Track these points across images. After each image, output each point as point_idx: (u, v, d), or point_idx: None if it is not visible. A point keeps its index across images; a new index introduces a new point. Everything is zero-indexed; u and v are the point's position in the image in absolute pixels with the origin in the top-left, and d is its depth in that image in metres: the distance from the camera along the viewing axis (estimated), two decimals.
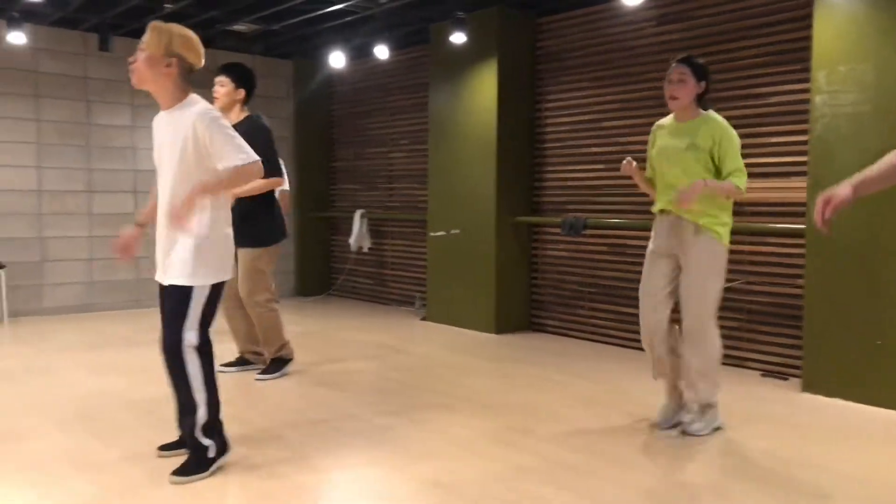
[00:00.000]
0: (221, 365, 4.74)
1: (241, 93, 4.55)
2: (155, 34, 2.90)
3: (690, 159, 3.52)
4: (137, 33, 2.94)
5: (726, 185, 3.48)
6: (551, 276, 6.43)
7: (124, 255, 3.16)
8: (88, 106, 7.36)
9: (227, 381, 4.64)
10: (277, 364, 4.76)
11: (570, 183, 6.24)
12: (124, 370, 4.92)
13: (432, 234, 6.90)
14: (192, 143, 2.89)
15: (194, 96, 3.00)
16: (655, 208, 3.74)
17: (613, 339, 5.93)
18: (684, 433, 3.63)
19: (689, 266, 3.57)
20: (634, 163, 3.75)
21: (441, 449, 3.45)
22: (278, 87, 8.60)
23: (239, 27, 7.08)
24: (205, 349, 3.01)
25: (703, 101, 3.64)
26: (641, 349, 5.50)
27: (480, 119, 6.38)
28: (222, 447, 3.10)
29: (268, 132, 4.55)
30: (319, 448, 3.45)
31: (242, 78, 4.56)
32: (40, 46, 7.05)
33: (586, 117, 6.08)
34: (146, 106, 7.25)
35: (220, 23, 6.87)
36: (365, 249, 8.05)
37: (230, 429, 3.70)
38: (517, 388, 4.60)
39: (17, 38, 6.37)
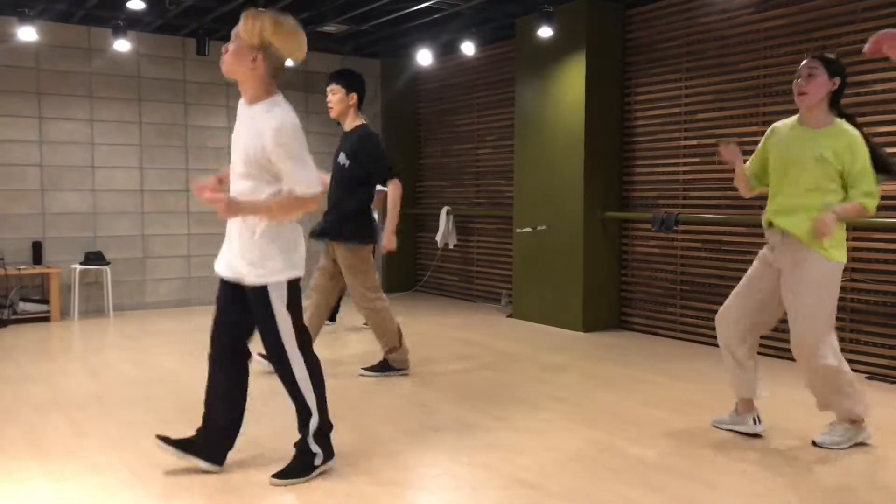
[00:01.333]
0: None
1: (354, 97, 4.60)
2: (247, 22, 2.78)
3: (819, 173, 3.23)
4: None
5: (855, 208, 3.20)
6: (641, 274, 6.28)
7: (200, 192, 2.88)
8: (186, 108, 7.65)
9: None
10: (384, 366, 4.77)
11: (661, 177, 6.07)
12: None
13: (519, 230, 6.85)
14: (262, 152, 2.78)
15: (278, 99, 2.85)
16: (765, 220, 3.45)
17: (706, 338, 5.74)
18: (814, 444, 3.44)
19: (798, 284, 3.29)
20: (736, 147, 3.49)
21: (528, 447, 3.42)
22: (366, 86, 8.70)
23: (328, 28, 7.21)
24: (308, 348, 2.97)
25: (837, 105, 3.32)
26: None
27: (568, 113, 6.28)
28: (329, 454, 3.04)
29: (378, 140, 4.64)
30: (407, 443, 3.47)
31: (352, 83, 4.60)
32: (142, 52, 7.38)
33: (678, 109, 5.90)
34: None
35: (311, 24, 7.01)
36: (451, 246, 8.07)
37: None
38: (605, 387, 4.51)
39: (122, 45, 6.69)
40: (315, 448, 2.99)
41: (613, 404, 4.13)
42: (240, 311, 2.99)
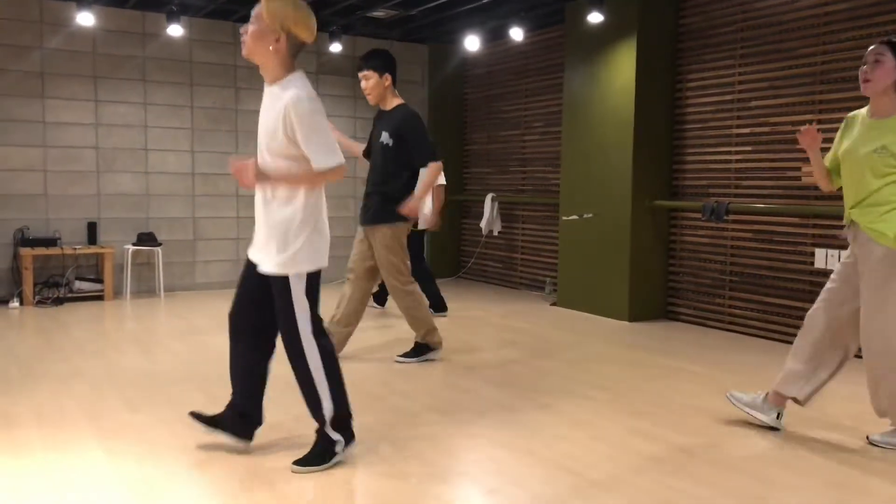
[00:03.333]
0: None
1: (388, 78, 4.50)
2: (268, 6, 2.81)
3: (879, 164, 3.12)
4: None
5: None
6: (690, 263, 6.19)
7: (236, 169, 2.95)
8: (237, 93, 7.76)
9: (363, 362, 4.78)
10: (420, 349, 4.77)
11: (712, 166, 5.96)
12: None
13: (565, 217, 6.80)
14: (283, 128, 2.81)
15: (297, 74, 2.89)
16: (846, 217, 3.33)
17: (755, 330, 5.64)
18: (870, 443, 3.35)
19: (867, 279, 3.19)
20: (818, 133, 3.36)
21: (571, 435, 3.41)
22: (413, 71, 8.73)
23: (377, 13, 7.22)
24: (323, 339, 2.97)
25: None
26: (785, 342, 5.23)
27: (617, 100, 6.20)
28: (350, 439, 3.03)
29: (421, 120, 4.57)
30: (449, 429, 3.49)
31: (384, 64, 4.50)
32: (194, 37, 7.49)
33: (731, 97, 5.78)
34: None
35: (360, 10, 7.04)
36: (495, 233, 8.06)
37: (364, 403, 3.81)
38: (650, 377, 4.47)
39: (175, 30, 6.80)
40: (335, 436, 2.97)
41: (658, 395, 4.09)
42: (262, 292, 3.01)
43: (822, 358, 3.40)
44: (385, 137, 4.50)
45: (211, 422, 3.16)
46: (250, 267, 3.04)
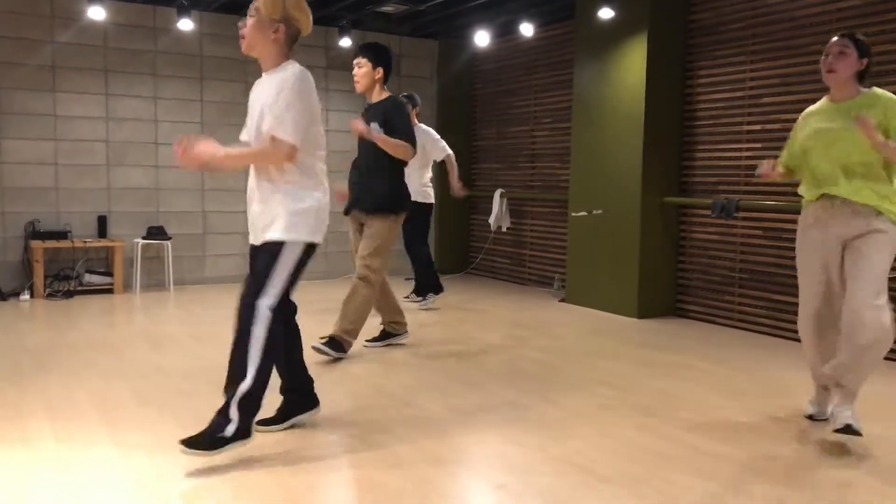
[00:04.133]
0: (366, 341, 4.90)
1: (380, 71, 4.62)
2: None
3: (856, 138, 3.21)
4: None
5: None
6: (699, 260, 6.17)
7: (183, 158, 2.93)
8: (247, 87, 7.75)
9: (371, 355, 4.80)
10: (336, 345, 4.56)
11: (722, 163, 5.94)
12: None
13: (574, 213, 6.80)
14: (271, 103, 2.88)
15: (293, 62, 2.98)
16: (811, 195, 3.42)
17: (764, 327, 5.63)
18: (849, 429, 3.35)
19: (862, 250, 3.22)
20: (773, 163, 3.55)
21: (578, 430, 3.41)
22: (423, 67, 8.73)
23: (387, 8, 7.22)
24: (278, 326, 2.91)
25: (863, 81, 3.36)
26: (795, 339, 5.21)
27: (627, 96, 6.18)
28: (245, 432, 2.89)
29: (402, 105, 4.70)
30: (453, 422, 3.50)
31: (379, 57, 4.62)
32: (205, 31, 7.50)
33: (742, 93, 5.76)
34: None
35: (370, 5, 7.04)
36: (504, 229, 8.05)
37: (372, 397, 3.82)
38: (659, 374, 4.46)
39: (185, 24, 6.81)
40: (233, 414, 2.85)
41: (667, 391, 4.08)
42: None
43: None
44: (374, 128, 4.58)
45: (282, 419, 3.29)
46: (252, 253, 3.09)
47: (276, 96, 2.86)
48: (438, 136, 6.62)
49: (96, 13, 6.45)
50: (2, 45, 6.69)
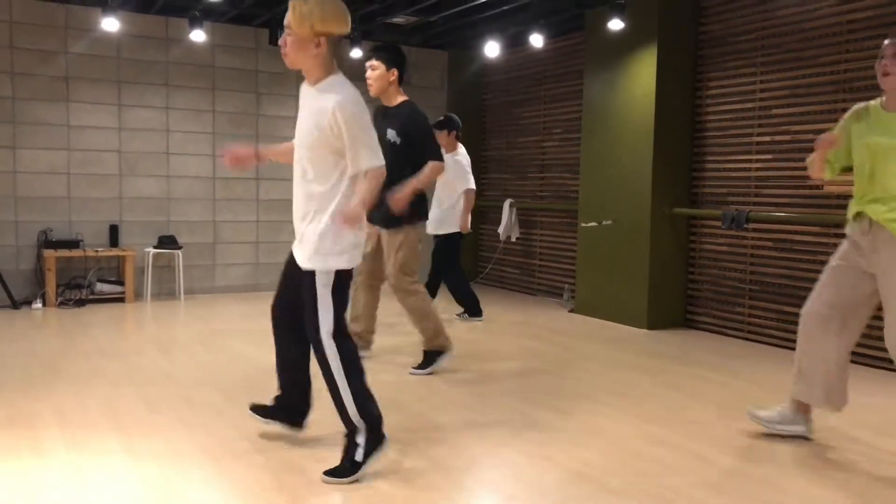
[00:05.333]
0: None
1: (394, 73, 4.44)
2: (296, 15, 2.83)
3: None
4: None
5: None
6: (709, 272, 6.16)
7: (233, 162, 3.15)
8: (258, 98, 7.82)
9: (382, 367, 4.79)
10: (430, 357, 4.64)
11: (732, 174, 5.93)
12: None
13: (584, 224, 6.79)
14: (328, 129, 2.84)
15: (338, 77, 2.94)
16: (852, 212, 3.23)
17: (775, 339, 5.60)
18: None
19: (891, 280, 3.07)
20: (837, 141, 3.26)
21: (588, 442, 3.40)
22: (433, 77, 8.77)
23: (398, 20, 7.26)
24: (345, 342, 2.95)
25: None
26: None
27: (637, 107, 6.19)
28: (377, 442, 2.97)
29: (425, 116, 4.55)
30: (466, 434, 3.49)
31: (393, 58, 4.44)
32: (217, 42, 7.56)
33: (752, 105, 5.76)
34: None
35: (380, 16, 7.08)
36: (513, 239, 8.05)
37: (382, 409, 3.82)
38: (669, 386, 4.45)
39: (198, 35, 6.87)
40: (360, 438, 2.93)
41: (677, 403, 4.07)
42: (297, 289, 3.05)
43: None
44: (392, 135, 4.43)
45: (266, 413, 3.33)
46: (291, 260, 3.09)
47: (344, 129, 2.82)
48: (468, 167, 6.36)
49: (110, 24, 6.51)
50: (18, 56, 6.77)
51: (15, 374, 4.35)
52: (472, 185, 6.32)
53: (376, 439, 2.97)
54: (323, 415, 3.65)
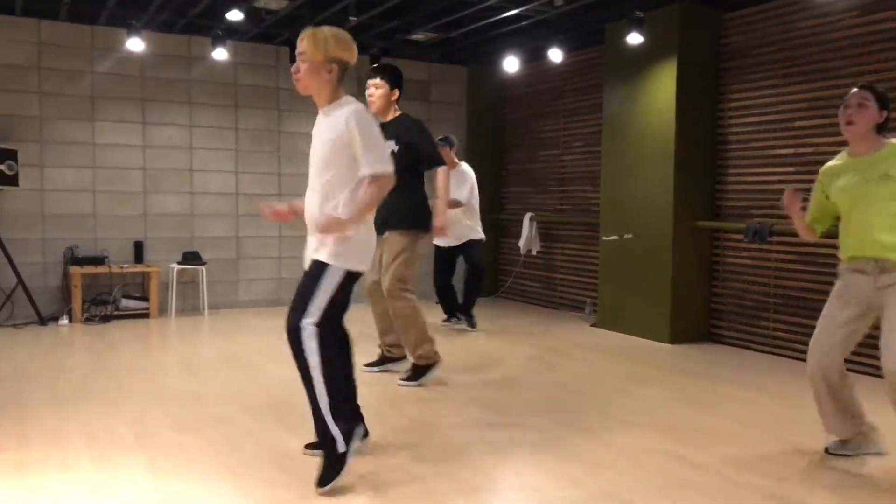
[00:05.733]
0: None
1: (396, 93, 4.65)
2: (311, 42, 3.01)
3: (885, 192, 3.14)
4: None
5: None
6: (733, 285, 6.11)
7: (273, 217, 3.30)
8: (279, 115, 7.90)
9: (386, 381, 4.79)
10: (419, 371, 4.66)
11: (754, 187, 5.89)
12: None
13: (605, 238, 6.77)
14: (342, 138, 2.99)
15: (349, 97, 3.13)
16: (844, 255, 3.35)
17: (800, 353, 5.53)
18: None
19: None
20: (798, 195, 3.45)
21: (610, 460, 3.38)
22: (452, 92, 8.80)
23: (417, 36, 7.31)
24: (328, 337, 3.00)
25: (880, 133, 3.26)
26: None
27: (657, 120, 6.18)
28: (348, 434, 2.99)
29: (422, 124, 4.69)
30: (486, 452, 3.48)
31: (396, 80, 4.65)
32: (239, 61, 7.65)
33: (774, 117, 5.72)
34: None
35: (400, 33, 7.13)
36: (534, 252, 8.04)
37: (402, 425, 3.82)
38: (692, 401, 4.41)
39: (220, 54, 6.96)
40: (333, 430, 2.96)
41: (702, 420, 4.03)
42: None
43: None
44: (391, 145, 4.53)
45: (316, 446, 3.25)
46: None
47: (356, 134, 2.98)
48: (469, 180, 6.54)
49: (135, 44, 6.62)
50: (46, 76, 6.89)
51: (43, 392, 4.41)
52: (464, 199, 6.48)
53: (349, 430, 2.99)
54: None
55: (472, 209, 6.59)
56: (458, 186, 6.44)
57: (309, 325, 2.98)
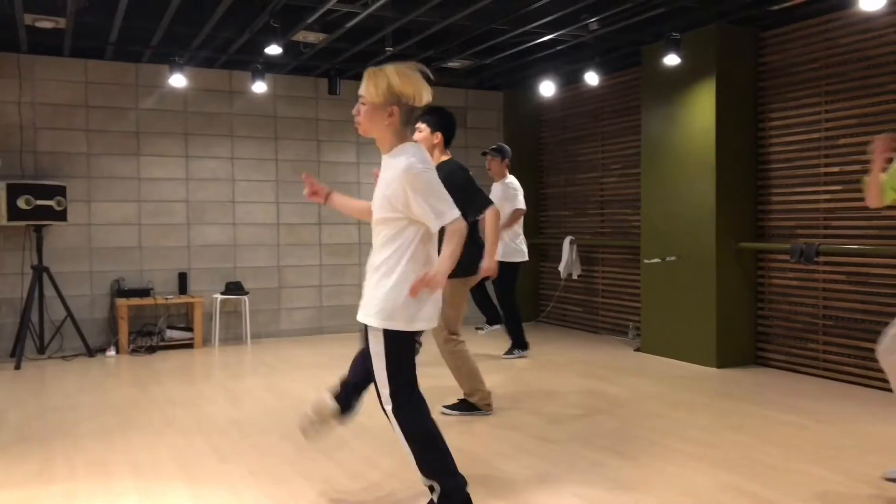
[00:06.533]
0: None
1: (438, 136, 4.54)
2: (371, 83, 2.83)
3: None
4: (361, 77, 2.95)
5: None
6: (779, 307, 5.97)
7: (309, 187, 3.19)
8: (319, 145, 8.00)
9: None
10: (467, 405, 4.65)
11: (799, 206, 5.77)
12: None
13: (646, 260, 6.69)
14: (399, 192, 2.78)
15: (406, 145, 2.90)
16: None
17: (851, 376, 5.37)
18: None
19: None
20: (893, 142, 3.25)
21: (659, 491, 3.30)
22: (489, 118, 8.83)
23: (453, 64, 7.36)
24: (408, 409, 2.87)
25: None
26: (885, 388, 4.95)
27: (697, 140, 6.11)
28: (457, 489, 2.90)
29: (466, 172, 4.57)
30: (530, 481, 3.43)
31: (439, 123, 4.55)
32: (278, 93, 7.79)
33: (817, 135, 5.61)
34: (370, 144, 7.75)
35: (435, 61, 7.19)
36: (575, 276, 7.97)
37: None
38: (741, 427, 4.30)
39: (260, 87, 7.09)
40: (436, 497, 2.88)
41: (749, 446, 3.92)
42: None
43: None
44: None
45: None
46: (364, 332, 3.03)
47: (410, 193, 2.77)
48: (516, 190, 6.56)
49: (177, 81, 6.78)
50: (93, 114, 7.10)
51: (91, 423, 4.48)
52: (521, 206, 6.54)
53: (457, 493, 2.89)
54: (397, 468, 3.65)
55: (511, 228, 6.52)
56: (504, 200, 6.45)
57: (391, 414, 2.87)
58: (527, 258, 6.65)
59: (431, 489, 2.91)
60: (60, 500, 3.23)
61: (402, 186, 2.78)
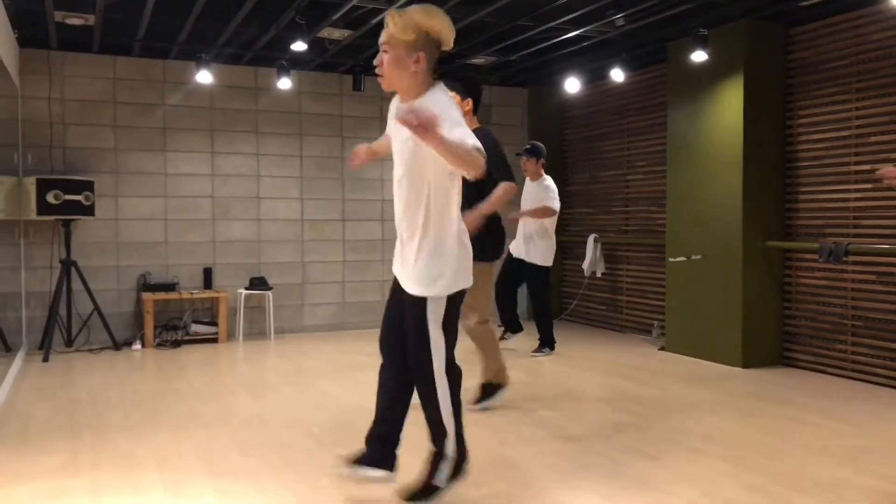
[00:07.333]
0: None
1: (469, 103, 4.47)
2: (396, 21, 2.63)
3: None
4: None
5: None
6: (807, 307, 5.89)
7: (362, 163, 3.19)
8: (343, 141, 8.02)
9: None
10: (489, 390, 4.70)
11: (828, 205, 5.69)
12: (373, 386, 5.22)
13: (672, 259, 6.63)
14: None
15: (439, 86, 2.76)
16: None
17: (880, 378, 5.29)
18: None
19: None
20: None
21: (682, 491, 3.27)
22: (513, 114, 8.80)
23: (477, 60, 7.34)
24: (453, 369, 2.88)
25: None
26: None
27: (724, 137, 6.03)
28: (458, 472, 2.97)
29: (497, 141, 4.48)
30: (551, 479, 3.42)
31: (468, 89, 4.48)
32: (303, 90, 7.82)
33: (847, 133, 5.52)
34: None
35: (460, 58, 7.18)
36: (598, 275, 7.92)
37: None
38: (767, 428, 4.25)
39: (285, 83, 7.12)
40: (444, 465, 2.92)
41: (775, 448, 3.87)
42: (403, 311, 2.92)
43: None
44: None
45: (354, 462, 3.06)
46: (396, 288, 2.95)
47: (443, 122, 2.47)
48: (551, 191, 6.46)
49: (203, 77, 6.83)
50: (121, 110, 7.17)
51: (117, 416, 4.54)
52: (556, 206, 6.44)
53: (459, 469, 2.96)
54: (417, 464, 3.65)
55: (544, 230, 6.46)
56: (534, 201, 6.39)
57: (440, 372, 2.84)
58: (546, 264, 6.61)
59: (440, 457, 2.91)
60: (86, 492, 3.28)
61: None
